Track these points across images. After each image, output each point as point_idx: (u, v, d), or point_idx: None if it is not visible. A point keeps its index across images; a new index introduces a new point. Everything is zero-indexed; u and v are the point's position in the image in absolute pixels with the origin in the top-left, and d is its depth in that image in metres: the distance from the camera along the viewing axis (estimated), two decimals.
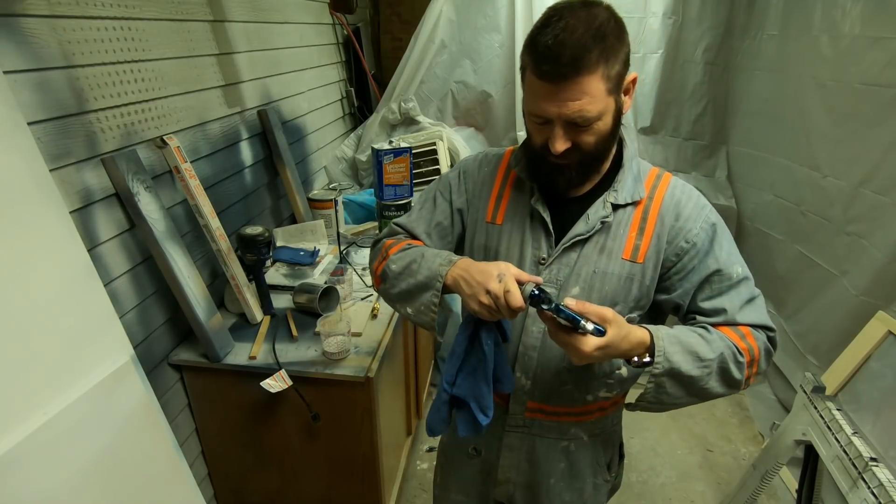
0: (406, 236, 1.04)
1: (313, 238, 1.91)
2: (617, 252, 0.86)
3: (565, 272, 0.88)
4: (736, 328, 0.84)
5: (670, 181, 0.89)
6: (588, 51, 0.70)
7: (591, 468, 1.03)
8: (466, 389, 0.88)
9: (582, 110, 0.74)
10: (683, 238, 0.85)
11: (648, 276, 0.86)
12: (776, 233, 2.32)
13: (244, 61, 1.69)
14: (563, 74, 0.72)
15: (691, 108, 2.44)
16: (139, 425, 1.07)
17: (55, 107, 1.00)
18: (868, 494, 1.18)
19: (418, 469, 2.12)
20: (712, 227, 0.85)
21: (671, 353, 0.78)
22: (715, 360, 0.80)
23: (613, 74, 0.74)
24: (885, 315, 1.55)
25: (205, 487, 1.57)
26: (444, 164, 2.35)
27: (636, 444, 2.26)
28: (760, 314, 0.85)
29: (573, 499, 1.04)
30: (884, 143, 1.72)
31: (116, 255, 1.17)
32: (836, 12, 1.87)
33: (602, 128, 0.78)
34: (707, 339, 0.82)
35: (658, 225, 0.86)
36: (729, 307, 0.84)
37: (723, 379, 0.81)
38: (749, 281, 0.86)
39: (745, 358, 0.81)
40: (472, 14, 2.32)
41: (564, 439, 0.99)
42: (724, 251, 0.85)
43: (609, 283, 0.87)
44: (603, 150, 0.83)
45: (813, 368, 2.00)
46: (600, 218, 0.86)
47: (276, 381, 1.25)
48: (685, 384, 0.80)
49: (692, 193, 0.88)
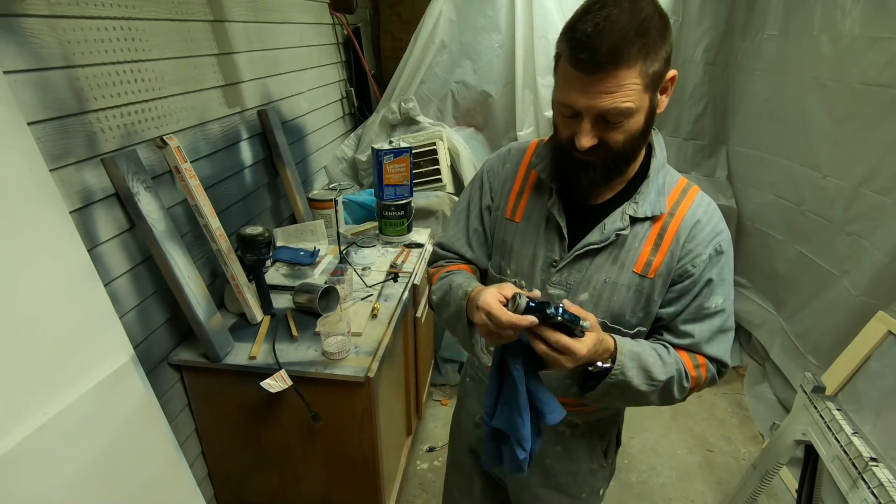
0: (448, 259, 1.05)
1: (313, 238, 1.91)
2: (629, 265, 0.85)
3: (576, 277, 0.88)
4: (694, 356, 0.86)
5: (695, 198, 0.86)
6: (629, 44, 0.67)
7: (587, 453, 1.05)
8: (504, 422, 0.84)
9: (615, 105, 0.70)
10: (691, 262, 0.83)
11: (657, 291, 0.85)
12: (776, 233, 2.32)
13: (244, 61, 1.69)
14: (600, 65, 0.68)
15: (691, 108, 2.44)
16: (139, 425, 1.07)
17: (55, 107, 1.00)
18: (868, 494, 1.18)
19: (418, 469, 2.12)
20: (720, 255, 0.84)
21: (628, 369, 0.80)
22: (662, 383, 0.82)
23: (652, 72, 0.71)
24: (885, 315, 1.55)
25: (205, 487, 1.57)
26: (444, 164, 2.35)
27: (636, 444, 2.26)
28: (723, 349, 0.86)
29: (567, 481, 1.05)
30: (884, 143, 1.73)
31: (116, 255, 1.17)
32: (836, 12, 1.87)
33: (633, 126, 0.74)
34: (664, 361, 0.84)
35: (673, 243, 0.84)
36: (698, 335, 0.85)
37: (662, 396, 0.85)
38: (724, 313, 0.86)
39: (689, 384, 0.85)
40: (472, 14, 2.32)
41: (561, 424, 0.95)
42: (717, 279, 0.84)
43: (618, 293, 0.86)
44: (631, 152, 0.80)
45: (813, 368, 2.00)
46: (616, 230, 0.84)
47: (276, 381, 1.25)
48: (628, 394, 0.83)
49: (713, 216, 0.85)
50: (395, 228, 2.05)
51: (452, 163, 2.39)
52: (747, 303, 2.56)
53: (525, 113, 2.28)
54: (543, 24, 2.18)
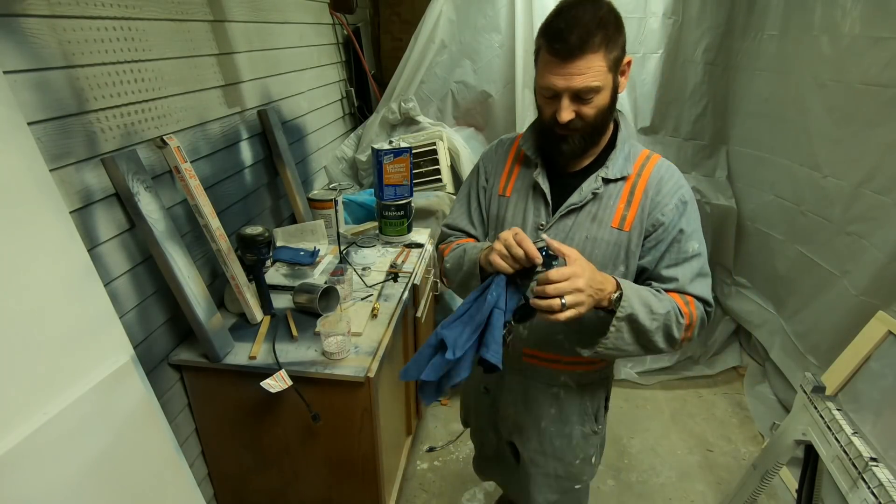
0: (456, 236, 1.20)
1: (313, 238, 1.91)
2: (607, 221, 0.99)
3: (561, 237, 1.01)
4: (683, 296, 0.97)
5: (657, 162, 1.01)
6: (593, 35, 0.84)
7: (579, 416, 1.15)
8: (453, 334, 0.86)
9: (586, 84, 0.87)
10: (660, 211, 0.97)
11: (634, 242, 0.99)
12: (776, 233, 2.32)
13: (244, 61, 1.69)
14: (572, 53, 0.85)
15: (691, 108, 2.44)
16: (139, 425, 1.07)
17: (55, 107, 1.00)
18: (868, 494, 1.18)
19: (418, 469, 2.13)
20: (684, 204, 0.98)
21: (632, 300, 0.89)
22: (663, 317, 0.92)
23: (612, 57, 0.88)
24: (885, 315, 1.55)
25: (205, 487, 1.57)
26: (444, 164, 2.35)
27: (636, 443, 2.26)
28: (705, 289, 0.99)
29: (563, 445, 1.16)
30: (884, 143, 1.72)
31: (116, 255, 1.17)
32: (836, 12, 1.87)
33: (601, 102, 0.91)
34: (659, 297, 0.94)
35: (643, 198, 0.98)
36: (681, 277, 0.97)
37: (666, 336, 0.94)
38: (701, 257, 0.98)
39: (685, 321, 0.94)
40: (472, 14, 2.32)
41: (554, 386, 1.13)
42: (688, 227, 0.97)
43: (599, 247, 1.00)
44: (602, 123, 0.96)
45: (813, 368, 2.00)
46: (592, 189, 0.99)
47: (276, 381, 1.25)
48: (637, 333, 0.92)
49: (674, 174, 1.00)
50: (395, 228, 2.05)
51: (452, 163, 2.39)
52: (747, 303, 2.56)
53: (525, 113, 2.28)
54: None
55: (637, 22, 2.24)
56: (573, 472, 1.20)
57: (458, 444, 2.25)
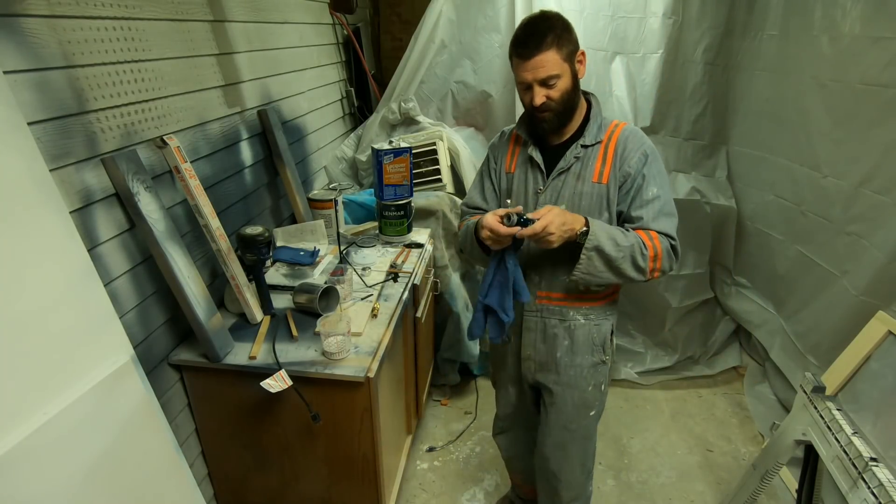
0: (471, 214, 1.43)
1: (313, 238, 1.91)
2: (588, 177, 1.25)
3: (554, 194, 1.28)
4: (647, 232, 1.20)
5: (623, 127, 1.27)
6: (545, 38, 1.13)
7: (588, 346, 1.36)
8: (494, 299, 1.26)
9: (547, 73, 1.15)
10: (627, 164, 1.22)
11: (611, 192, 1.24)
12: (776, 233, 2.32)
13: (244, 61, 1.69)
14: (532, 53, 1.14)
15: (691, 108, 2.43)
16: (139, 425, 1.07)
17: (55, 107, 1.00)
18: (868, 494, 1.18)
19: (418, 469, 2.13)
20: (645, 155, 1.22)
21: (599, 235, 1.15)
22: (627, 248, 1.16)
23: (565, 51, 1.15)
24: (885, 315, 1.55)
25: (205, 487, 1.57)
26: (444, 164, 2.35)
27: (636, 443, 2.26)
28: (666, 226, 1.21)
29: (576, 374, 1.38)
30: (884, 143, 1.72)
31: (116, 255, 1.17)
32: (836, 12, 1.87)
33: (563, 86, 1.18)
34: (625, 234, 1.19)
35: (614, 156, 1.23)
36: (645, 216, 1.21)
37: (633, 265, 1.18)
38: (660, 200, 1.21)
39: (648, 252, 1.17)
40: (472, 14, 2.32)
41: (566, 320, 1.35)
42: (650, 174, 1.21)
43: (584, 199, 1.26)
44: (568, 102, 1.21)
45: (813, 368, 2.00)
46: (574, 155, 1.25)
47: (276, 381, 1.25)
48: (606, 261, 1.17)
49: (637, 134, 1.25)
50: (395, 228, 2.05)
51: (452, 163, 2.39)
52: (747, 303, 2.56)
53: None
54: None
55: (637, 22, 2.24)
56: (587, 399, 1.40)
57: (458, 444, 2.25)
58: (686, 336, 2.63)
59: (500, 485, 2.06)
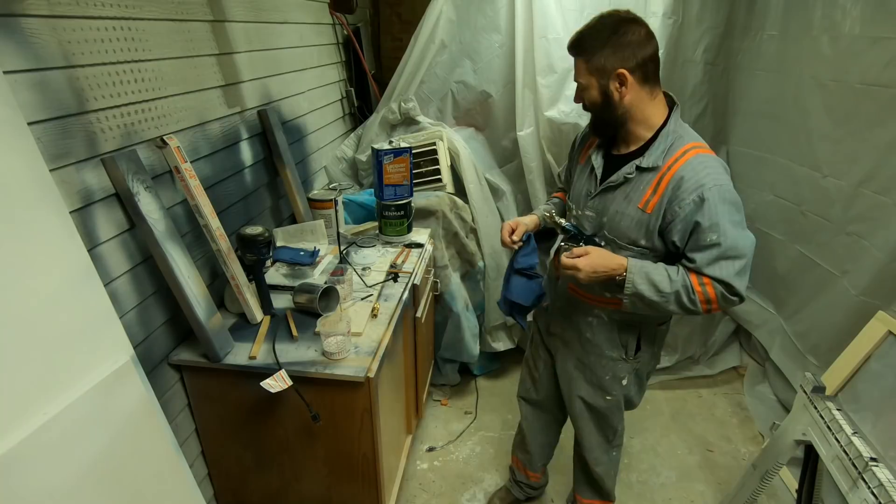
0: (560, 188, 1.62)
1: (313, 238, 1.91)
2: (635, 201, 1.20)
3: (601, 206, 1.27)
4: (699, 276, 1.16)
5: (688, 159, 1.16)
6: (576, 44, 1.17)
7: (608, 343, 1.38)
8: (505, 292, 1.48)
9: (576, 78, 1.21)
10: (677, 204, 1.14)
11: (653, 223, 1.18)
12: (776, 233, 2.32)
13: (244, 61, 1.69)
14: (570, 52, 1.20)
15: (691, 108, 2.43)
16: (139, 425, 1.07)
17: (55, 107, 1.00)
18: (868, 494, 1.18)
19: (418, 469, 2.13)
20: (702, 201, 1.12)
21: (638, 283, 1.17)
22: (671, 294, 1.16)
23: (593, 64, 1.15)
24: (885, 315, 1.55)
25: (205, 487, 1.57)
26: (444, 164, 2.35)
27: (636, 444, 2.26)
28: (725, 272, 1.14)
29: (595, 361, 1.42)
30: (884, 143, 1.72)
31: (116, 255, 1.17)
32: (836, 12, 1.87)
33: (589, 97, 1.20)
34: (671, 278, 1.17)
35: (665, 190, 1.16)
36: (699, 261, 1.15)
37: (679, 306, 1.17)
38: (720, 246, 1.13)
39: (697, 297, 1.15)
40: (472, 14, 2.31)
41: (589, 315, 1.38)
42: (705, 220, 1.12)
43: (624, 221, 1.23)
44: (599, 114, 1.23)
45: (813, 368, 2.00)
46: (625, 174, 1.21)
47: (276, 381, 1.25)
48: (647, 304, 1.19)
49: (699, 172, 1.13)
50: (395, 228, 2.05)
51: (452, 163, 2.39)
52: (747, 303, 2.55)
53: (525, 113, 2.28)
54: (543, 24, 2.18)
55: None
56: (604, 385, 1.44)
57: (458, 443, 2.25)
58: (686, 336, 2.63)
59: (501, 485, 2.06)
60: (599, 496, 1.71)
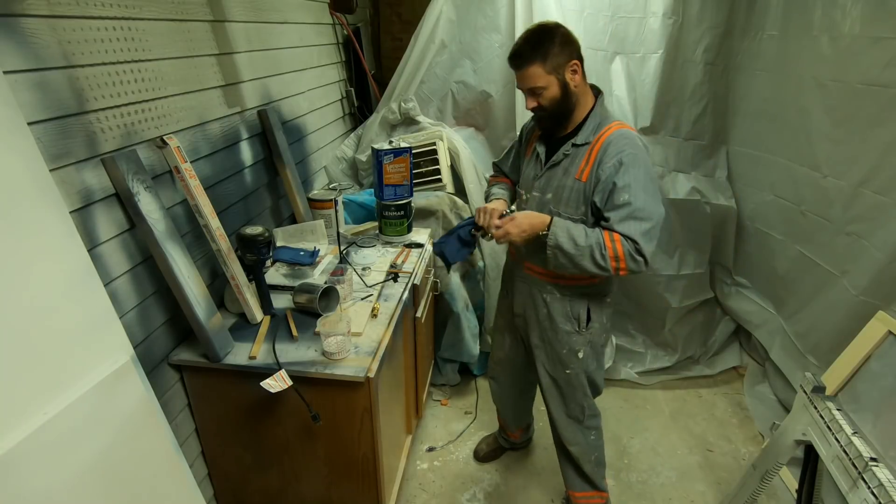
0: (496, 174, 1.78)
1: (313, 238, 1.91)
2: (573, 173, 1.39)
3: (546, 184, 1.45)
4: (611, 234, 1.30)
5: (613, 132, 1.35)
6: (527, 54, 1.30)
7: (563, 317, 1.54)
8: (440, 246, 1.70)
9: (532, 85, 1.32)
10: (601, 169, 1.33)
11: (589, 189, 1.37)
12: (776, 233, 2.32)
13: (244, 61, 1.69)
14: (518, 67, 1.33)
15: (691, 108, 2.43)
16: (139, 425, 1.07)
17: (55, 107, 1.00)
18: (868, 494, 1.18)
19: (418, 469, 2.13)
20: (619, 163, 1.30)
21: (558, 235, 1.33)
22: (586, 248, 1.30)
23: (551, 64, 1.29)
24: (885, 315, 1.55)
25: (205, 487, 1.57)
26: (444, 164, 2.35)
27: (636, 443, 2.26)
28: (631, 228, 1.28)
29: (552, 337, 1.57)
30: (884, 143, 1.72)
31: (116, 255, 1.17)
32: (836, 12, 1.87)
33: (550, 94, 1.33)
34: (587, 233, 1.32)
35: (595, 159, 1.35)
36: (612, 218, 1.31)
37: (593, 262, 1.30)
38: (630, 206, 1.28)
39: (607, 252, 1.29)
40: (472, 14, 2.32)
41: (544, 292, 1.54)
42: (620, 181, 1.29)
43: (566, 192, 1.41)
44: (559, 107, 1.36)
45: (813, 368, 2.00)
46: (564, 152, 1.41)
47: (276, 381, 1.25)
48: (568, 258, 1.33)
49: (619, 141, 1.33)
50: (395, 228, 2.05)
51: (452, 163, 2.39)
52: (747, 303, 2.56)
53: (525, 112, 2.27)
54: None
55: (637, 22, 2.24)
56: (562, 359, 1.58)
57: (458, 443, 2.25)
58: (686, 336, 2.63)
59: (500, 485, 2.06)
60: (588, 486, 1.77)
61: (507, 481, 2.08)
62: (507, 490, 2.04)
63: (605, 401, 2.50)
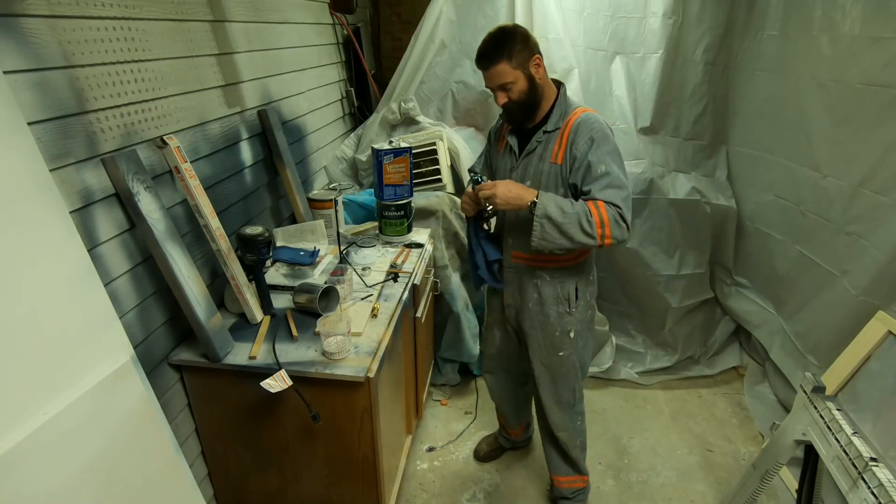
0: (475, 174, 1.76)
1: (313, 238, 1.91)
2: (547, 158, 1.46)
3: (522, 172, 1.51)
4: (595, 202, 1.35)
5: (579, 115, 1.43)
6: (492, 53, 1.38)
7: (554, 299, 1.59)
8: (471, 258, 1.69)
9: (500, 82, 1.39)
10: (575, 148, 1.41)
11: (565, 170, 1.44)
12: (776, 233, 2.32)
13: (244, 61, 1.69)
14: (485, 66, 1.40)
15: (691, 108, 2.43)
16: (139, 425, 1.07)
17: (55, 107, 1.00)
18: (868, 494, 1.18)
19: (418, 469, 2.13)
20: (591, 140, 1.38)
21: (546, 204, 1.36)
22: (573, 215, 1.34)
23: (516, 61, 1.37)
24: (885, 315, 1.55)
25: (205, 487, 1.57)
26: (444, 164, 2.35)
27: (636, 443, 2.26)
28: (612, 195, 1.35)
29: (544, 321, 1.62)
30: (884, 143, 1.72)
31: (116, 255, 1.17)
32: (836, 12, 1.87)
33: (518, 88, 1.40)
34: (573, 203, 1.37)
35: (567, 141, 1.43)
36: (593, 189, 1.37)
37: (581, 229, 1.33)
38: (608, 176, 1.36)
39: (594, 218, 1.33)
40: (472, 14, 2.32)
41: (535, 278, 1.59)
42: (594, 156, 1.37)
43: (544, 176, 1.47)
44: (528, 99, 1.43)
45: (813, 368, 2.00)
46: (536, 139, 1.48)
47: (276, 381, 1.25)
48: (556, 226, 1.35)
49: (587, 122, 1.41)
50: (395, 228, 2.05)
51: (452, 163, 2.39)
52: (747, 303, 2.56)
53: None
54: (543, 24, 2.18)
55: (637, 22, 2.24)
56: (554, 342, 1.63)
57: (458, 443, 2.25)
58: (686, 336, 2.63)
59: (500, 485, 2.06)
60: (572, 470, 1.83)
61: (507, 481, 2.08)
62: (507, 490, 2.04)
63: (605, 401, 2.50)
